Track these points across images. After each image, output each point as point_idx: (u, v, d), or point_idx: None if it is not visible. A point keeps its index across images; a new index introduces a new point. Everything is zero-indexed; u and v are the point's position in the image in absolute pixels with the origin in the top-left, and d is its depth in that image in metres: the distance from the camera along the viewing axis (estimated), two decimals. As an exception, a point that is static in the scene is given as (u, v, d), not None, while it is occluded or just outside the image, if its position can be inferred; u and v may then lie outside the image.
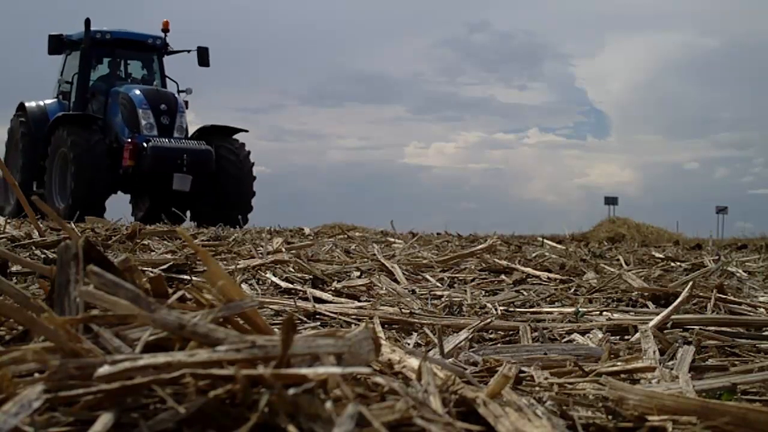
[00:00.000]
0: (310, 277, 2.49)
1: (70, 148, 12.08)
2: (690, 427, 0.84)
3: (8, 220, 3.63)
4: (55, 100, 13.87)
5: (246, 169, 12.92)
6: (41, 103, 13.87)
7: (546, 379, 1.11)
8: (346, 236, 5.06)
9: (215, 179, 12.54)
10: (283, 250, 3.13)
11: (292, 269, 2.65)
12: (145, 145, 12.10)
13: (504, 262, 3.17)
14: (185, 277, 2.27)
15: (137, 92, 12.79)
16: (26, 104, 13.73)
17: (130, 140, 12.22)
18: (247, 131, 13.62)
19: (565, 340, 1.63)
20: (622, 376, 1.19)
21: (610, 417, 0.88)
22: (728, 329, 1.79)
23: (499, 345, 1.52)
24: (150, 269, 2.25)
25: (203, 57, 13.81)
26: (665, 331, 1.69)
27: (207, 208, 12.41)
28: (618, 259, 3.92)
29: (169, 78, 13.87)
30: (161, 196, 12.61)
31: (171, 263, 2.43)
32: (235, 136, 13.38)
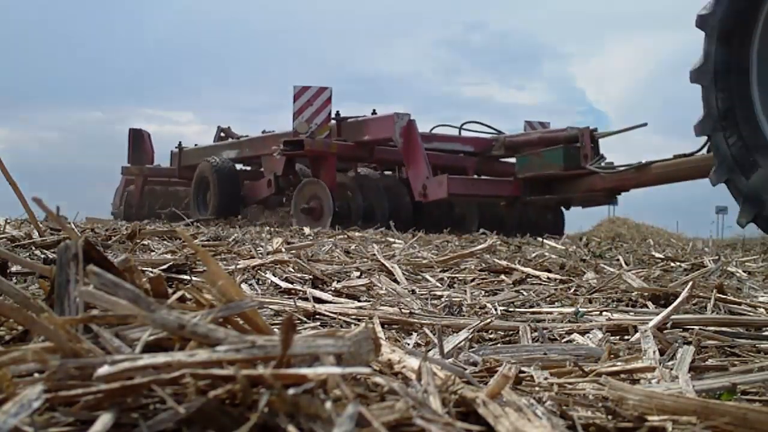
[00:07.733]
0: (310, 277, 2.49)
1: None
2: (690, 427, 0.84)
3: (8, 220, 3.63)
4: None
5: None
6: None
7: (546, 379, 1.11)
8: (346, 236, 5.05)
9: None
10: (283, 250, 3.13)
11: (292, 269, 2.64)
12: None
13: (504, 262, 3.17)
14: (185, 277, 2.27)
15: None
16: None
17: None
18: None
19: (565, 340, 1.63)
20: (622, 376, 1.19)
21: (610, 417, 0.88)
22: (728, 329, 1.79)
23: (499, 345, 1.52)
24: (150, 269, 2.25)
25: None
26: (665, 331, 1.69)
27: None
28: (618, 259, 3.92)
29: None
30: None
31: (171, 263, 2.43)
32: None
